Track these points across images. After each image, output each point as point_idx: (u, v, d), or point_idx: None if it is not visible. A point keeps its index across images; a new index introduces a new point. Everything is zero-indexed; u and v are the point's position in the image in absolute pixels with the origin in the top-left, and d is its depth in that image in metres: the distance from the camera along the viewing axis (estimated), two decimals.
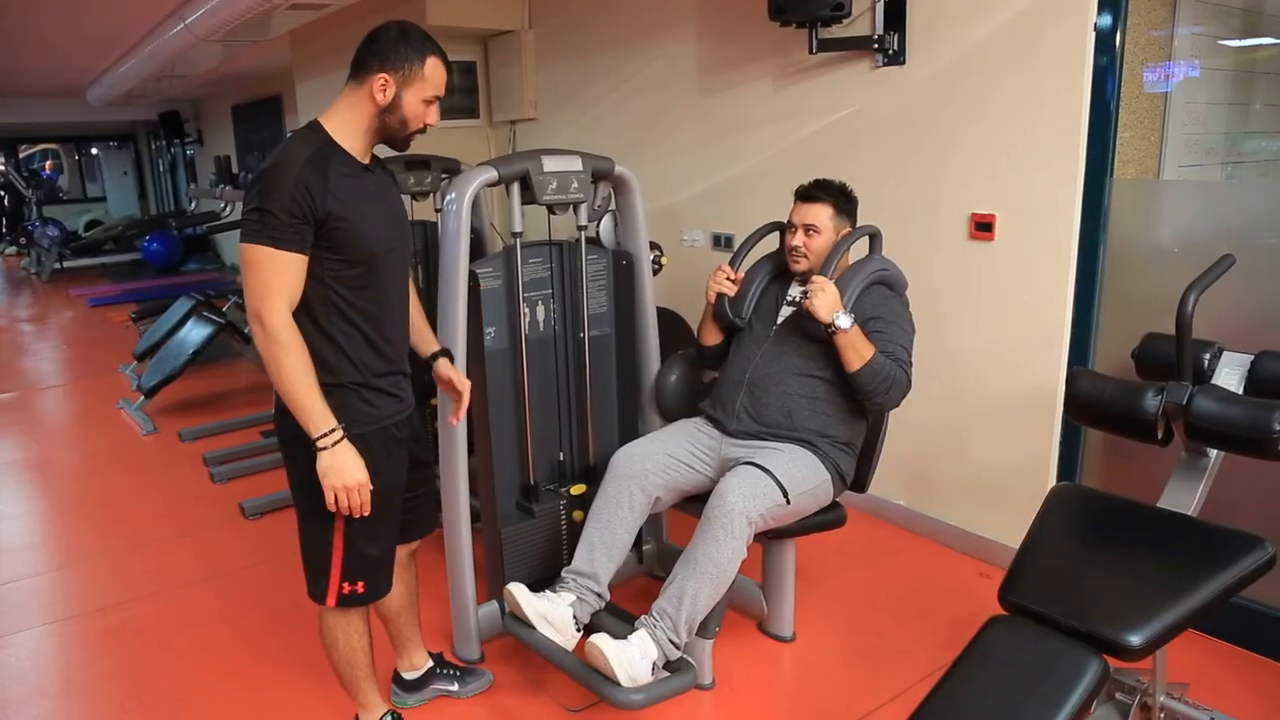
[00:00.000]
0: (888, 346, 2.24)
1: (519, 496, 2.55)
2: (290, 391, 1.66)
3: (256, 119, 9.28)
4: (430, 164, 3.10)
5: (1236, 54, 3.07)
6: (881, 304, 2.31)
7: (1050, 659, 1.54)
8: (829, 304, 2.17)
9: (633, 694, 1.98)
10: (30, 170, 14.00)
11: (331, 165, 1.69)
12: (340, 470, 1.69)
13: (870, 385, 2.20)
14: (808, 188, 2.42)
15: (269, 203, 1.62)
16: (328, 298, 1.73)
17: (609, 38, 4.18)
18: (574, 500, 2.58)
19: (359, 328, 1.77)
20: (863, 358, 2.18)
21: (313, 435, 1.67)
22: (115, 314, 8.18)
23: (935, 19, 2.81)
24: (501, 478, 2.49)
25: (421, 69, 1.73)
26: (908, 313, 2.37)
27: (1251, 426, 1.71)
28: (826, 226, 2.36)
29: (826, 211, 2.37)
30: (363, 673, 2.01)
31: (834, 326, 2.16)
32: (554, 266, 2.53)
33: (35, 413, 5.31)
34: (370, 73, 1.72)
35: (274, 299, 1.64)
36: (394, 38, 1.72)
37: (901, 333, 2.29)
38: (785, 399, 2.33)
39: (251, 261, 1.65)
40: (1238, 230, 2.46)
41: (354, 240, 1.71)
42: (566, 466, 2.63)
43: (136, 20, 5.71)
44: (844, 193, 2.41)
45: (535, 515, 2.51)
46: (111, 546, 3.30)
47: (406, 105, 1.75)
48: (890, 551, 3.07)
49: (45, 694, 2.41)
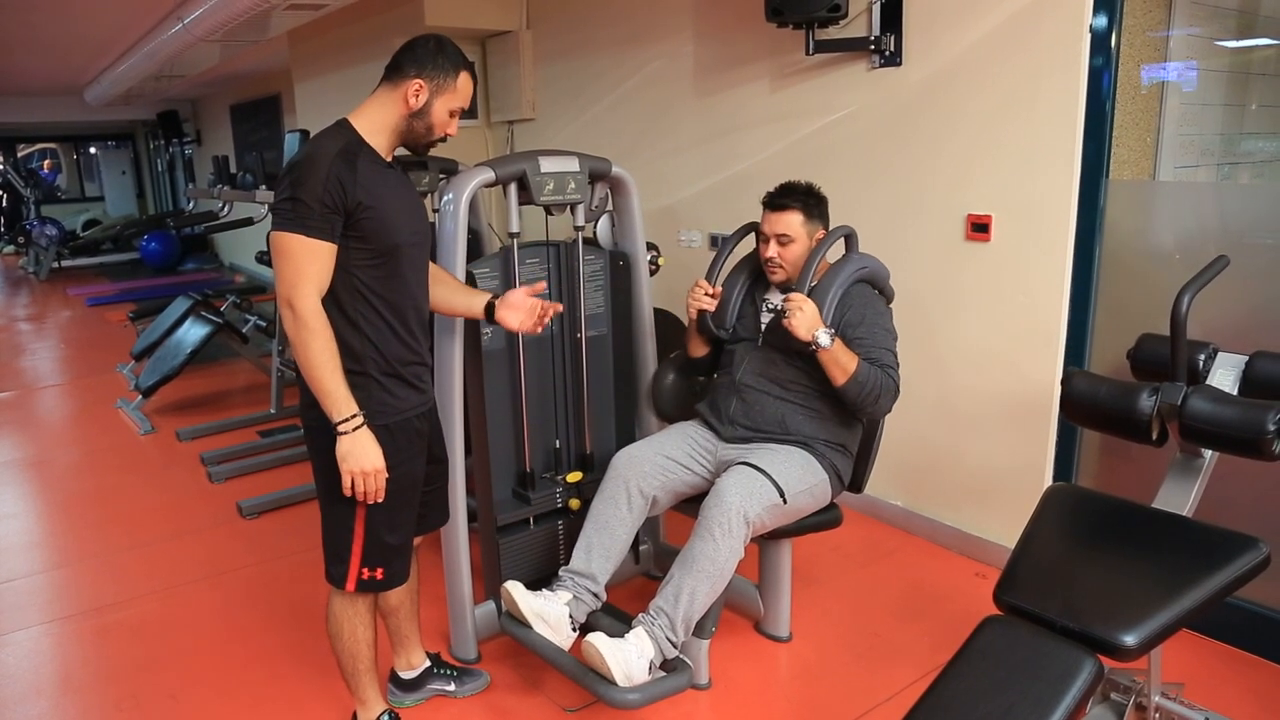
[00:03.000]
0: (872, 353, 2.21)
1: (515, 485, 2.54)
2: (316, 376, 1.72)
3: (255, 119, 9.29)
4: (428, 164, 3.09)
5: (1232, 55, 3.08)
6: (863, 307, 2.27)
7: (1045, 659, 1.54)
8: (808, 323, 2.14)
9: (629, 693, 1.98)
10: (28, 169, 13.98)
11: (359, 159, 1.76)
12: (359, 455, 1.75)
13: (857, 398, 2.19)
14: (774, 195, 2.36)
15: (301, 192, 1.68)
16: (354, 287, 1.79)
17: (606, 38, 4.18)
18: (570, 488, 2.58)
19: (384, 316, 1.83)
20: (847, 372, 2.16)
21: (334, 420, 1.74)
22: (113, 313, 8.17)
23: (932, 20, 2.82)
24: (498, 475, 2.50)
25: (455, 81, 1.84)
26: (889, 312, 2.33)
27: (1246, 427, 1.71)
28: (799, 233, 2.33)
29: (797, 219, 2.32)
30: (364, 666, 2.03)
31: (815, 344, 2.14)
32: (551, 267, 2.53)
33: (33, 412, 5.31)
34: (407, 77, 1.81)
35: (305, 285, 1.70)
36: (432, 49, 1.82)
37: (885, 335, 2.26)
38: (778, 405, 2.33)
39: (284, 249, 1.71)
40: (1233, 231, 2.47)
41: (380, 230, 1.78)
42: (563, 456, 2.63)
43: (135, 20, 5.72)
44: (812, 194, 2.35)
45: (531, 503, 2.51)
46: (109, 546, 3.30)
47: (435, 113, 1.84)
48: (886, 552, 3.08)
49: (42, 693, 2.42)
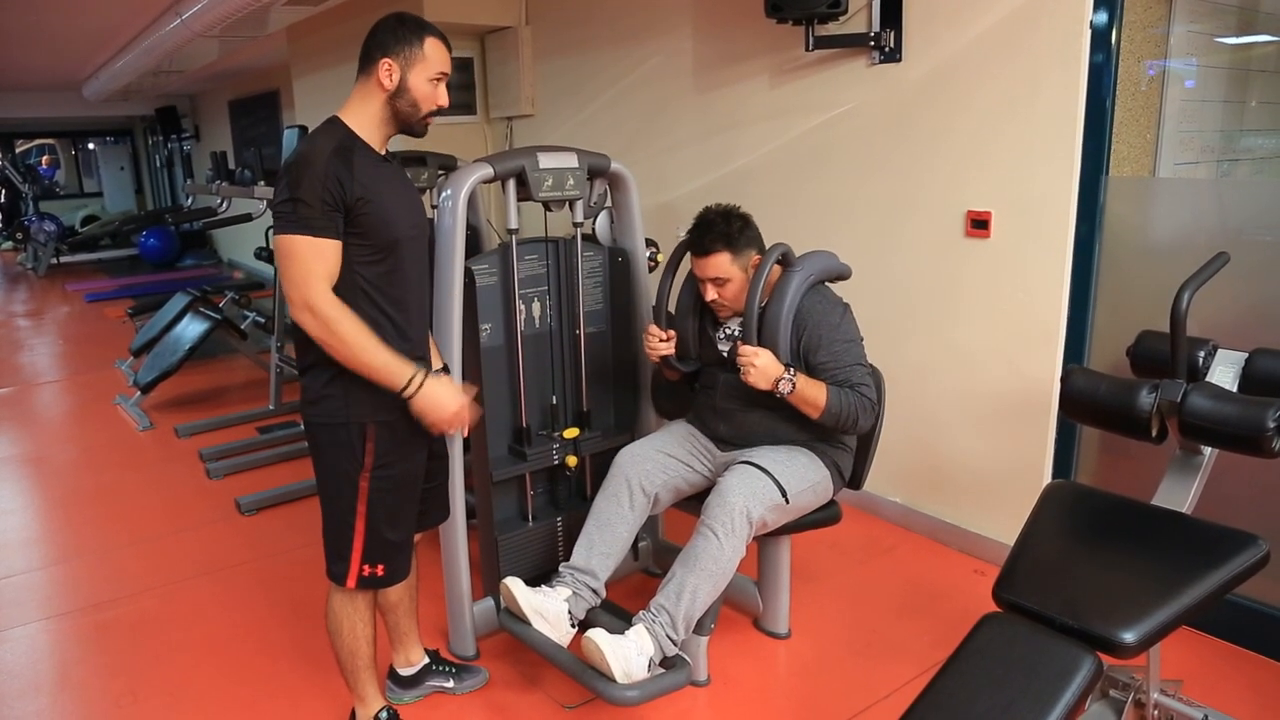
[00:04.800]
0: (838, 375, 2.18)
1: (511, 441, 2.51)
2: (363, 360, 1.73)
3: (253, 114, 9.27)
4: (426, 160, 3.09)
5: (1233, 52, 3.07)
6: (817, 326, 2.21)
7: (1044, 656, 1.54)
8: (766, 375, 2.11)
9: (628, 690, 1.98)
10: (27, 165, 13.95)
11: (355, 154, 1.76)
12: (436, 405, 1.80)
13: (835, 426, 2.20)
14: (696, 238, 2.25)
15: (301, 192, 1.68)
16: (355, 283, 1.79)
17: (606, 34, 4.17)
18: (566, 444, 2.55)
19: (385, 311, 1.83)
20: (818, 407, 2.15)
21: (398, 388, 1.76)
22: (112, 309, 8.16)
23: (931, 16, 2.81)
24: (494, 433, 2.48)
25: (421, 49, 1.80)
26: (847, 316, 2.26)
27: (1245, 424, 1.71)
28: (731, 271, 2.23)
29: (725, 259, 2.22)
30: (364, 663, 2.03)
31: (779, 393, 2.13)
32: (550, 263, 2.53)
33: (31, 408, 5.30)
34: (374, 62, 1.80)
35: (317, 284, 1.71)
36: (392, 25, 1.80)
37: (847, 350, 2.21)
38: (764, 421, 2.30)
39: (290, 251, 1.70)
40: (1233, 228, 2.47)
41: (379, 224, 1.78)
42: (559, 413, 2.61)
43: (133, 15, 5.71)
44: (731, 223, 2.23)
45: (528, 459, 2.47)
46: (107, 542, 3.30)
47: (414, 86, 1.81)
48: (885, 549, 3.07)
49: (41, 689, 2.42)
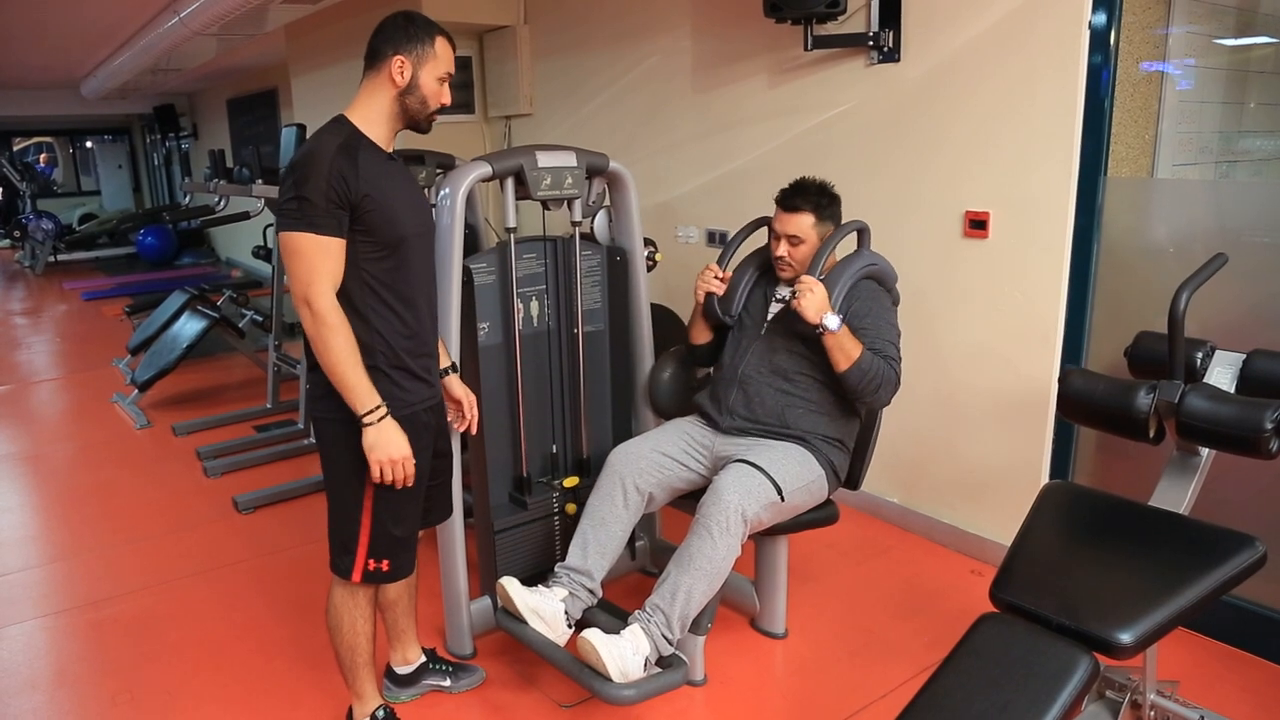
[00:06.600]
0: (875, 344, 2.24)
1: (512, 489, 2.55)
2: (339, 371, 1.74)
3: (252, 113, 9.26)
4: (425, 159, 3.08)
5: (1231, 53, 3.07)
6: (869, 300, 2.30)
7: (1041, 656, 1.54)
8: (817, 305, 2.17)
9: (624, 689, 1.98)
10: (24, 163, 13.91)
11: (360, 152, 1.77)
12: (385, 445, 1.78)
13: (859, 385, 2.21)
14: (788, 195, 2.38)
15: (306, 190, 1.69)
16: (363, 280, 1.80)
17: (604, 33, 4.17)
18: (566, 493, 2.58)
19: (393, 308, 1.84)
20: (850, 358, 2.18)
21: (359, 412, 1.76)
22: (109, 308, 8.15)
23: (930, 16, 2.81)
24: (495, 471, 2.50)
25: (433, 47, 1.83)
26: (894, 310, 2.36)
27: (1243, 425, 1.71)
28: (810, 235, 2.35)
29: (808, 220, 2.34)
30: (363, 660, 2.04)
31: (822, 327, 2.17)
32: (548, 262, 2.52)
33: (29, 406, 5.29)
34: (386, 58, 1.81)
35: (320, 283, 1.71)
36: (402, 23, 1.82)
37: (889, 329, 2.29)
38: (778, 398, 2.33)
39: (295, 249, 1.71)
40: (1231, 229, 2.47)
41: (385, 222, 1.78)
42: (559, 460, 2.63)
43: (131, 13, 5.70)
44: (825, 194, 2.37)
45: (528, 507, 2.51)
46: (104, 540, 3.29)
47: (424, 84, 1.83)
48: (883, 549, 3.07)
49: (37, 687, 2.41)
